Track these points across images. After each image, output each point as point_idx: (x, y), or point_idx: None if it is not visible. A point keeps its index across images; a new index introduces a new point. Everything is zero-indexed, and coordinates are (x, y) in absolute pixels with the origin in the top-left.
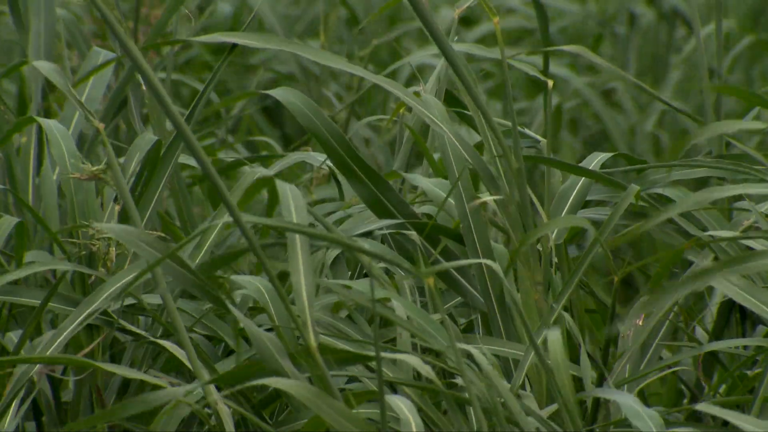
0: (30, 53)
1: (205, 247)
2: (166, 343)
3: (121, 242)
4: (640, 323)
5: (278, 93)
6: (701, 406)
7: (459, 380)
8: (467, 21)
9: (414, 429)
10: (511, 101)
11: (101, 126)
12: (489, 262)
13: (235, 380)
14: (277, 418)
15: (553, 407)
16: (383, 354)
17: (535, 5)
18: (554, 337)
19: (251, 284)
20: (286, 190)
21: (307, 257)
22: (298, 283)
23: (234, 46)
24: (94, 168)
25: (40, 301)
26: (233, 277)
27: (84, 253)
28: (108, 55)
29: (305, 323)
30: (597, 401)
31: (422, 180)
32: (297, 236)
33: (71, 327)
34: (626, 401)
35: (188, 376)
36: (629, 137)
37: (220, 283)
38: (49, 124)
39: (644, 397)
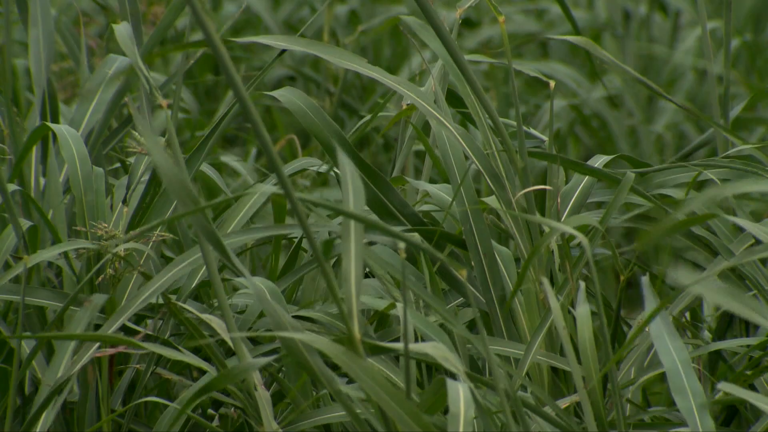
0: (31, 60)
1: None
2: (213, 318)
3: (130, 242)
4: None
5: (280, 94)
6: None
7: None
8: (468, 23)
9: (462, 426)
10: (516, 100)
11: (165, 103)
12: (504, 249)
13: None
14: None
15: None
16: (411, 345)
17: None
18: (584, 311)
19: (255, 285)
20: (350, 176)
21: (360, 245)
22: (349, 269)
23: (283, 51)
24: None
25: (47, 301)
26: (236, 279)
27: (92, 254)
28: (124, 61)
29: (350, 312)
30: (603, 394)
31: (428, 186)
32: (352, 223)
33: (126, 314)
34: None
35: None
36: (633, 139)
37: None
38: (61, 130)
39: (645, 396)
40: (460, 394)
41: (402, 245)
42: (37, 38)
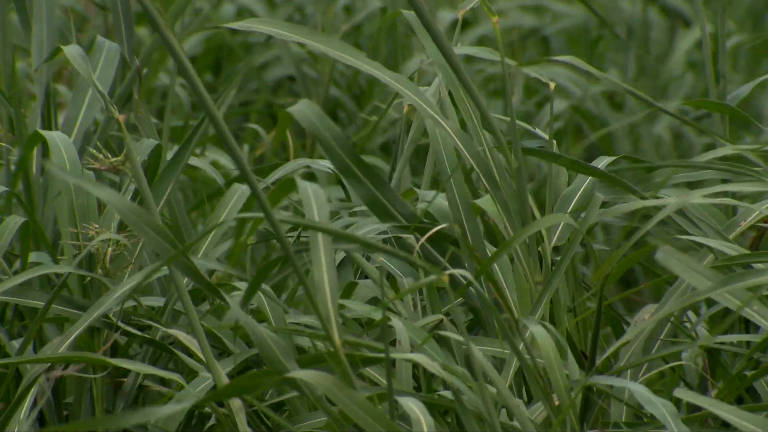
0: (33, 56)
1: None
2: (179, 333)
3: (120, 242)
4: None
5: (297, 108)
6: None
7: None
8: (465, 22)
9: (425, 428)
10: (509, 98)
11: (122, 118)
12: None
13: (252, 383)
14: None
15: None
16: (392, 354)
17: None
18: (540, 332)
19: (233, 303)
20: (308, 190)
21: (329, 252)
22: (321, 278)
23: (269, 37)
24: (113, 159)
25: (43, 302)
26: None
27: (83, 254)
28: (112, 46)
29: (329, 319)
30: (587, 401)
31: (434, 198)
32: (320, 234)
33: (81, 328)
34: (638, 389)
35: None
36: (634, 140)
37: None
38: (53, 137)
39: None
40: (412, 405)
41: (381, 258)
42: (41, 32)
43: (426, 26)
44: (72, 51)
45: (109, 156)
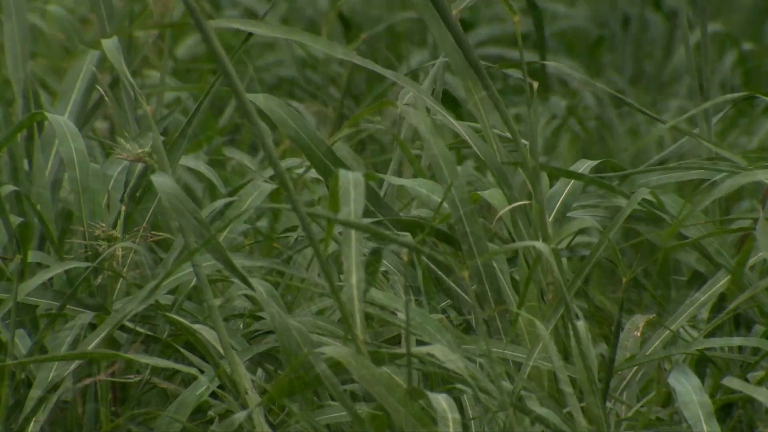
0: (7, 53)
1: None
2: (202, 327)
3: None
4: (638, 334)
5: (258, 99)
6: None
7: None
8: (463, 24)
9: (451, 426)
10: (534, 97)
11: (150, 110)
12: (540, 244)
13: (290, 390)
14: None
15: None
16: (414, 349)
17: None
18: (581, 326)
19: (260, 292)
20: (349, 179)
21: (359, 247)
22: (350, 272)
23: (249, 35)
24: (140, 151)
25: (43, 300)
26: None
27: (90, 253)
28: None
29: (353, 314)
30: (604, 399)
31: (403, 180)
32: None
33: (114, 322)
34: (683, 386)
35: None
36: (634, 137)
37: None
38: (59, 122)
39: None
40: (441, 400)
41: (405, 250)
42: (12, 32)
43: (445, 21)
44: (108, 44)
45: (137, 147)
